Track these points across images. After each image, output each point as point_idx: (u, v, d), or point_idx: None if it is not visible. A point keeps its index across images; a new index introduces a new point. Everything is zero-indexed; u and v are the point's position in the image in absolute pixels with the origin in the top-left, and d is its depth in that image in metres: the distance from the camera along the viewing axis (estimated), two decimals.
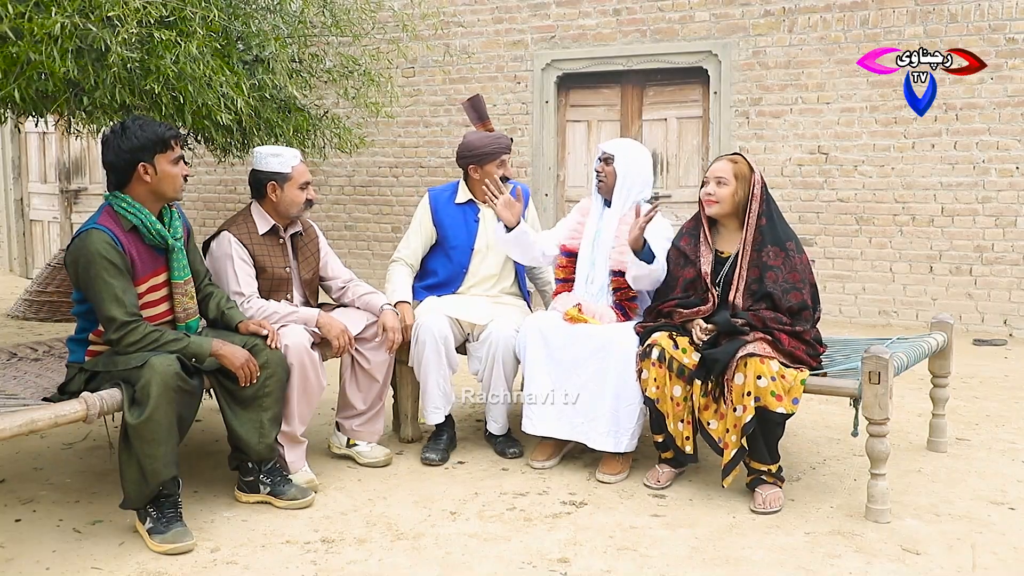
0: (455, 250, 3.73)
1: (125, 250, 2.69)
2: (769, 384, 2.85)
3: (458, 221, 3.75)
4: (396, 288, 3.71)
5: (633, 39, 7.18)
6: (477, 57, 7.73)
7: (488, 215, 3.75)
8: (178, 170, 2.77)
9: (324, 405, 3.83)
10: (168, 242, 2.82)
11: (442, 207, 3.78)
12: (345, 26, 5.15)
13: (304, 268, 3.41)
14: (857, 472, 3.34)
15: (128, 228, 2.73)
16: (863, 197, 6.65)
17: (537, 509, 2.99)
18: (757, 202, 3.12)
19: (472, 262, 3.73)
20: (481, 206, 3.77)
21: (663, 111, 7.32)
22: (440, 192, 3.86)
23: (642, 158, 3.52)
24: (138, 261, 2.74)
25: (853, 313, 6.76)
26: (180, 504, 2.71)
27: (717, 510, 2.98)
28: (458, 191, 3.80)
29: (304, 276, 3.41)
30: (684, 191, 7.21)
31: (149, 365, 2.57)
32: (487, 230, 3.73)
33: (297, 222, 3.39)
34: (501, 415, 3.57)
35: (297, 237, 3.41)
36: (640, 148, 3.56)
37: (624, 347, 3.20)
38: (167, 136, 2.74)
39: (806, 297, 3.06)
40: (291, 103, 4.83)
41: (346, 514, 2.93)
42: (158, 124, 2.76)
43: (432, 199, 3.82)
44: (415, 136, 8.06)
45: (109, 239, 2.65)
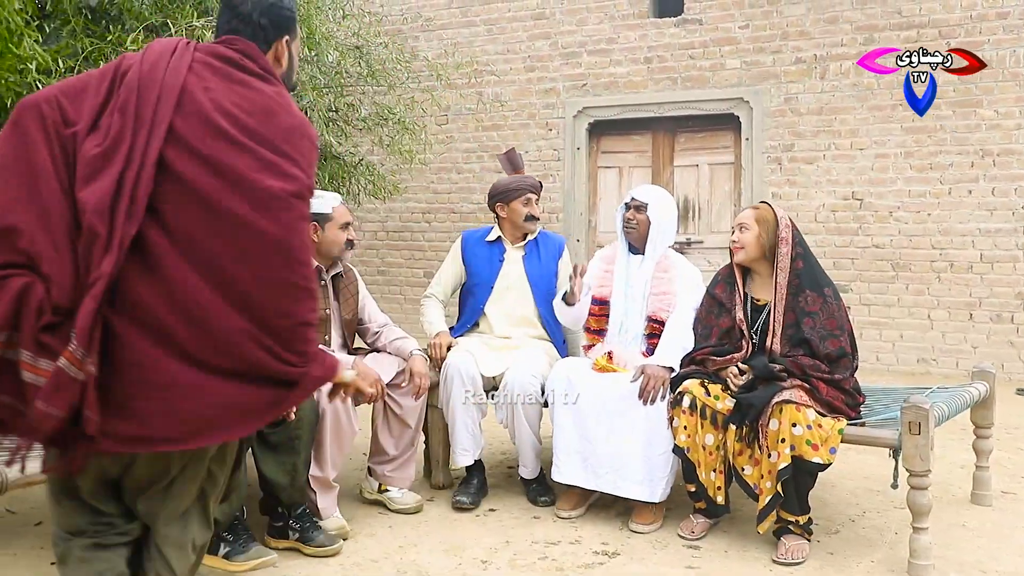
0: (477, 287, 3.78)
1: None
2: (805, 433, 2.80)
3: (484, 258, 3.81)
4: (432, 320, 3.78)
5: (664, 86, 7.24)
6: (509, 105, 7.83)
7: (513, 256, 3.79)
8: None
9: (356, 450, 3.83)
10: None
11: (472, 245, 3.86)
12: (380, 76, 5.27)
13: (344, 309, 3.46)
14: (898, 525, 3.25)
15: None
16: (899, 243, 6.58)
17: (569, 559, 2.94)
18: (788, 246, 3.10)
19: (490, 298, 3.75)
20: (508, 246, 3.82)
21: (694, 157, 7.34)
22: (473, 233, 3.96)
23: (671, 207, 3.58)
24: None
25: (891, 361, 6.65)
26: (249, 527, 2.77)
27: (754, 563, 2.91)
28: (491, 231, 3.86)
29: (345, 317, 3.46)
30: (716, 237, 7.18)
31: None
32: (510, 271, 3.76)
33: (338, 264, 3.45)
34: (531, 459, 3.54)
35: (338, 279, 3.46)
36: (668, 195, 3.62)
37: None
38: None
39: (845, 344, 3.02)
40: (327, 151, 4.92)
41: (377, 561, 2.91)
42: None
43: (465, 238, 3.93)
44: (448, 182, 8.15)
45: None
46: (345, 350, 3.47)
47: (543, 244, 3.85)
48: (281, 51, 1.84)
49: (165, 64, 1.63)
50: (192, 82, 1.62)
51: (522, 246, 3.82)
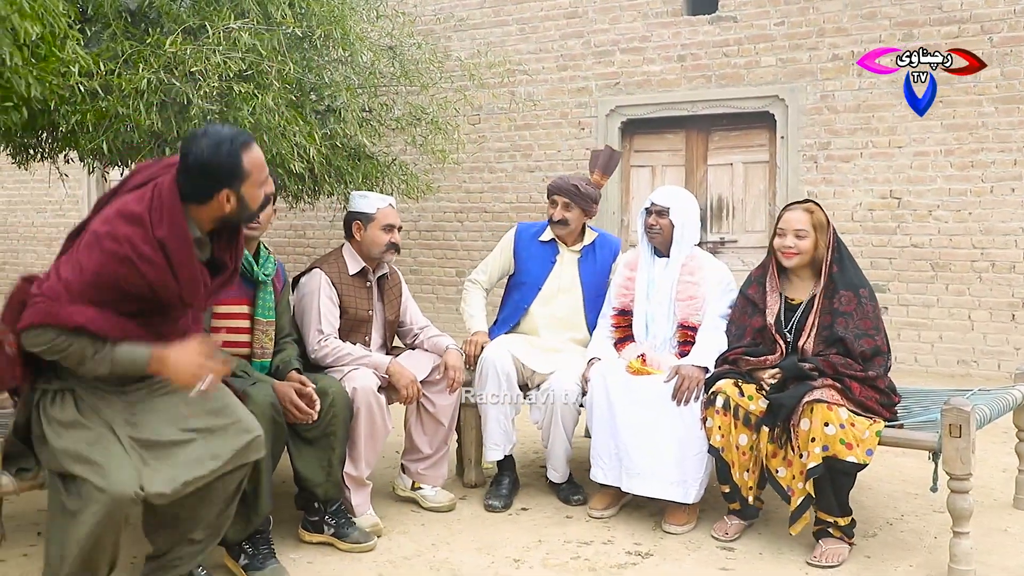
0: (524, 286, 3.74)
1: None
2: (838, 432, 2.76)
3: (535, 256, 3.76)
4: (473, 313, 3.78)
5: (698, 84, 7.19)
6: (542, 104, 7.82)
7: (566, 258, 3.75)
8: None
9: (389, 448, 3.85)
10: (256, 274, 2.96)
11: (525, 241, 3.80)
12: (413, 76, 5.29)
13: (388, 311, 3.49)
14: (938, 529, 3.20)
15: None
16: (939, 243, 6.47)
17: (602, 559, 2.93)
18: (831, 250, 3.07)
19: (537, 300, 3.73)
20: (562, 248, 3.77)
21: (729, 156, 7.27)
22: (528, 227, 3.88)
23: (694, 208, 3.52)
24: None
25: (930, 362, 6.54)
26: (272, 541, 2.76)
27: (788, 565, 2.88)
28: (545, 230, 3.80)
29: (388, 318, 3.49)
30: (750, 236, 7.11)
31: (250, 398, 2.64)
32: (561, 274, 3.72)
33: (384, 265, 3.47)
34: (561, 464, 3.53)
35: (383, 280, 3.49)
36: (690, 197, 3.55)
37: None
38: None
39: (880, 343, 2.98)
40: (361, 151, 4.95)
41: (410, 559, 2.93)
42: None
43: (519, 232, 3.86)
44: (480, 182, 8.16)
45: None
46: (384, 350, 3.50)
47: (600, 247, 3.79)
48: (223, 200, 2.19)
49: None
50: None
51: (578, 249, 3.76)
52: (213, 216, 2.26)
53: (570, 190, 3.65)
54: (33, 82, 2.78)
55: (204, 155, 2.15)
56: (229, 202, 2.21)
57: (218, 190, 2.19)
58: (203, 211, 2.23)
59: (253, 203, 2.28)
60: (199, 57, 3.33)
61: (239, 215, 2.27)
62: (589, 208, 3.69)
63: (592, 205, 3.70)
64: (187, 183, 2.18)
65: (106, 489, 2.02)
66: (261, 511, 2.67)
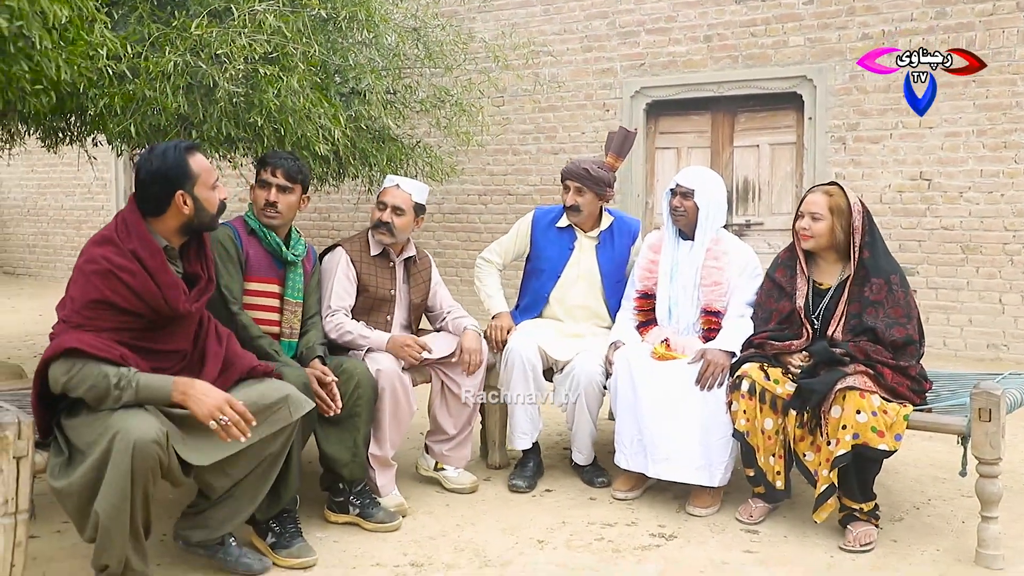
0: (543, 273, 3.73)
1: (243, 247, 2.98)
2: (870, 419, 2.74)
3: (553, 242, 3.74)
4: (491, 294, 3.78)
5: (724, 65, 7.11)
6: (566, 86, 7.78)
7: (584, 245, 3.73)
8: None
9: (413, 429, 3.87)
10: (284, 255, 3.05)
11: (543, 227, 3.78)
12: (438, 58, 5.27)
13: (415, 293, 3.50)
14: (966, 514, 3.17)
15: (248, 231, 3.04)
16: (969, 225, 6.37)
17: (626, 540, 2.94)
18: (859, 235, 3.02)
19: (557, 288, 3.71)
20: (580, 234, 3.74)
21: (755, 137, 7.20)
22: (546, 212, 3.84)
23: (720, 189, 3.45)
24: (252, 259, 3.00)
25: (959, 346, 6.46)
26: (299, 520, 2.80)
27: (814, 548, 2.87)
28: (562, 216, 3.76)
29: (413, 300, 3.50)
30: (777, 218, 7.05)
31: (283, 377, 2.68)
32: (579, 260, 3.70)
33: (411, 247, 3.48)
34: (586, 446, 3.53)
35: (411, 263, 3.50)
36: (716, 177, 3.48)
37: None
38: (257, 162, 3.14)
39: (912, 332, 2.94)
40: (385, 133, 4.95)
41: (434, 539, 2.95)
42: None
43: (536, 216, 3.83)
44: (504, 164, 8.14)
45: (231, 234, 2.99)
46: (408, 331, 3.51)
47: (618, 231, 3.75)
48: (180, 203, 2.41)
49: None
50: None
51: (596, 235, 3.74)
52: (176, 225, 2.46)
53: (580, 174, 3.60)
54: (63, 65, 2.80)
55: (153, 164, 2.40)
56: (186, 204, 2.43)
57: (172, 194, 2.41)
58: (165, 221, 2.45)
59: (210, 205, 2.49)
60: (225, 39, 3.34)
61: (199, 218, 2.47)
62: (603, 192, 3.64)
63: (606, 189, 3.63)
64: (144, 197, 2.42)
65: (130, 434, 2.14)
66: (289, 489, 2.70)
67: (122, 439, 2.13)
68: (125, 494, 2.14)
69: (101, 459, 2.15)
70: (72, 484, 2.19)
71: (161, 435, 2.20)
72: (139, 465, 2.14)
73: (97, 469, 2.16)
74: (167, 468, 2.25)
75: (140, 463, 2.14)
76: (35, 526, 2.71)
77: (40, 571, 2.62)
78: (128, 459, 2.12)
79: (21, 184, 11.83)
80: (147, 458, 2.15)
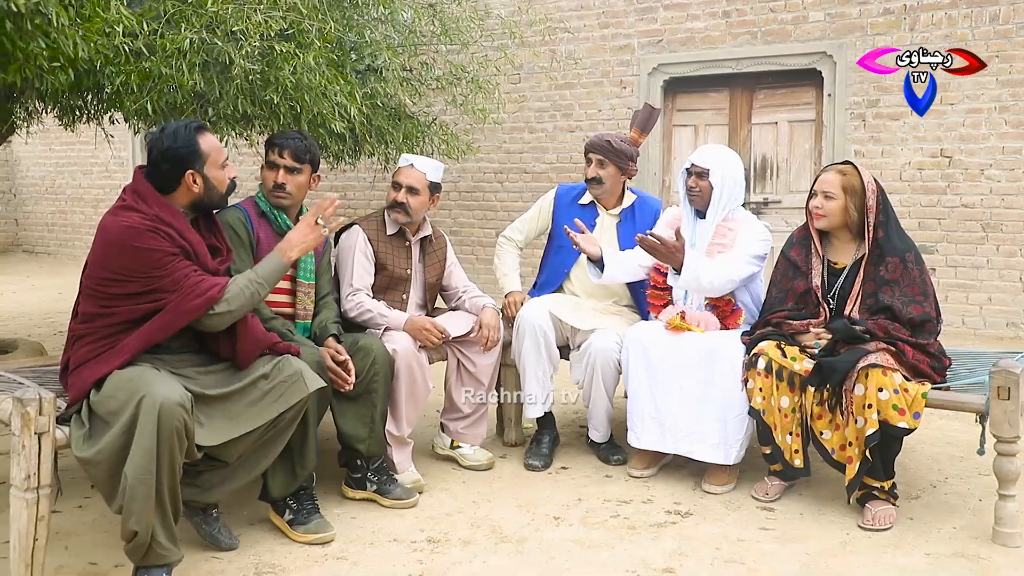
0: (563, 249, 3.71)
1: (254, 230, 2.97)
2: (891, 397, 2.73)
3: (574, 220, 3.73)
4: (507, 272, 3.78)
5: (743, 41, 7.03)
6: (583, 63, 7.72)
7: (606, 222, 3.71)
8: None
9: (429, 407, 3.90)
10: None
11: (565, 204, 3.77)
12: (454, 34, 5.23)
13: (429, 272, 3.51)
14: (983, 492, 3.16)
15: (259, 214, 3.02)
16: (990, 202, 6.30)
17: (641, 517, 2.95)
18: (874, 214, 2.99)
19: (577, 265, 3.70)
20: (602, 211, 3.72)
21: (773, 114, 7.13)
22: (569, 189, 3.84)
23: (736, 168, 3.41)
24: (264, 242, 2.97)
25: (977, 325, 6.40)
26: (316, 497, 2.82)
27: (829, 526, 2.87)
28: (585, 193, 3.75)
29: (429, 279, 3.51)
30: (795, 196, 6.98)
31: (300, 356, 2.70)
32: (600, 237, 3.66)
33: (427, 227, 3.48)
34: (602, 424, 3.54)
35: (426, 242, 3.50)
36: (733, 156, 3.44)
37: (730, 356, 3.13)
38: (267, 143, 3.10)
39: (929, 309, 2.92)
40: (401, 110, 4.93)
41: (451, 515, 2.97)
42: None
43: (559, 193, 3.83)
44: (520, 142, 8.11)
45: (242, 216, 2.98)
46: (423, 310, 3.52)
47: (640, 210, 3.74)
48: (190, 182, 2.45)
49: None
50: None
51: (617, 213, 3.72)
52: (185, 203, 2.50)
53: (603, 146, 3.60)
54: (80, 42, 2.81)
55: (164, 144, 2.43)
56: (196, 184, 2.47)
57: (182, 174, 2.45)
58: (175, 199, 2.48)
59: (219, 185, 2.54)
60: (240, 16, 3.33)
61: (209, 197, 2.52)
62: (625, 166, 3.63)
63: (628, 163, 3.63)
64: (156, 175, 2.46)
65: (156, 397, 2.17)
66: (307, 466, 2.72)
67: (148, 401, 2.17)
68: (151, 455, 2.16)
69: (129, 423, 2.19)
70: (100, 451, 2.22)
71: (186, 399, 2.24)
72: (165, 427, 2.17)
73: (125, 434, 2.19)
74: (191, 436, 2.27)
75: (166, 424, 2.17)
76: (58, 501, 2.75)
77: (62, 545, 2.66)
78: (154, 420, 2.15)
79: (39, 163, 11.90)
80: (172, 419, 2.18)
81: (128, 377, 2.29)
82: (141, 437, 2.17)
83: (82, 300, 2.45)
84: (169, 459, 2.21)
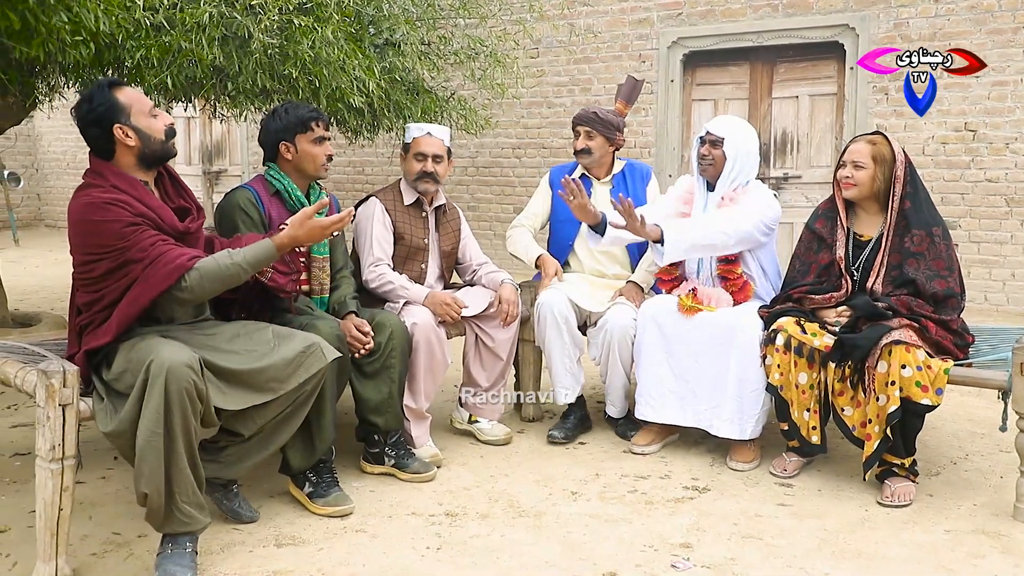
0: (565, 223, 3.73)
1: (265, 210, 2.93)
2: (915, 374, 2.71)
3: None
4: (528, 244, 3.75)
5: (764, 14, 6.93)
6: (602, 36, 7.64)
7: (599, 192, 3.71)
8: (319, 150, 2.96)
9: (447, 381, 3.91)
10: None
11: (559, 179, 3.76)
12: (472, 8, 5.19)
13: (444, 241, 3.53)
14: (1004, 469, 3.14)
15: (272, 192, 2.98)
16: (1015, 177, 6.21)
17: (659, 493, 2.96)
18: (900, 184, 2.96)
19: (579, 237, 3.71)
20: (595, 182, 3.74)
21: (794, 88, 7.04)
22: (560, 169, 3.93)
23: (751, 140, 3.37)
24: (276, 220, 2.92)
25: (1000, 301, 6.34)
26: (335, 471, 2.85)
27: (848, 502, 2.87)
28: (576, 168, 3.80)
29: (444, 248, 3.53)
30: (815, 171, 6.91)
31: (316, 330, 2.70)
32: (597, 206, 3.65)
33: (441, 196, 3.50)
34: (619, 399, 3.54)
35: (441, 212, 3.52)
36: (748, 128, 3.40)
37: (747, 332, 3.12)
38: (307, 118, 2.95)
39: (953, 284, 2.89)
40: (419, 85, 4.91)
41: (469, 489, 2.99)
42: (303, 107, 2.99)
43: (552, 174, 3.90)
44: (538, 117, 8.06)
45: (251, 196, 2.93)
46: (442, 282, 3.54)
47: (630, 176, 3.77)
48: (121, 136, 2.38)
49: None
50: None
51: (609, 180, 3.74)
52: (131, 161, 2.43)
53: (590, 118, 3.66)
54: (101, 16, 2.81)
55: (84, 110, 2.39)
56: (128, 136, 2.40)
57: (110, 131, 2.38)
58: (120, 160, 2.42)
59: (154, 131, 2.43)
60: None
61: (149, 147, 2.43)
62: (612, 136, 3.66)
63: (615, 132, 3.67)
64: (93, 144, 2.42)
65: (163, 360, 2.18)
66: (325, 439, 2.75)
67: (156, 364, 2.18)
68: (159, 416, 2.17)
69: (140, 390, 2.20)
70: (121, 422, 2.24)
71: (194, 360, 2.24)
72: (173, 388, 2.17)
73: (139, 401, 2.21)
74: (204, 399, 2.27)
75: (174, 385, 2.17)
76: (81, 472, 2.79)
77: (87, 515, 2.70)
78: (162, 382, 2.16)
79: (61, 138, 11.96)
80: (180, 379, 2.18)
81: (136, 347, 2.31)
82: (149, 399, 2.18)
83: (76, 293, 2.46)
84: (182, 421, 2.21)
